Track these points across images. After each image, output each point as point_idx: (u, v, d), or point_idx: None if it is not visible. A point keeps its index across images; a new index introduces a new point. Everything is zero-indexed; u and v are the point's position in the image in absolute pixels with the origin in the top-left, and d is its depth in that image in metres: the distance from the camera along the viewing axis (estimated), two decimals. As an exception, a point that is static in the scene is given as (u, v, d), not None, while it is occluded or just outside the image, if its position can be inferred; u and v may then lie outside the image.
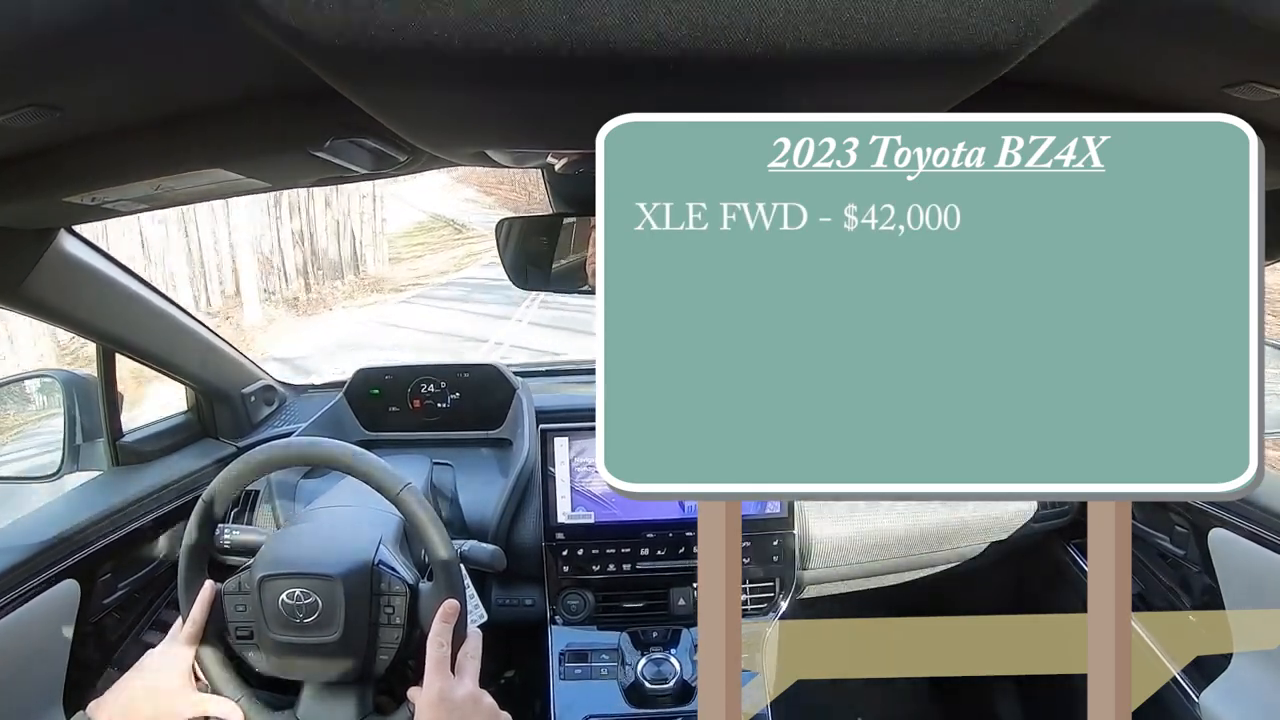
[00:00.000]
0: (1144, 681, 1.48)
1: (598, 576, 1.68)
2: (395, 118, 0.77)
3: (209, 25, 0.60)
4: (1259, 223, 0.61)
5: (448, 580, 1.16)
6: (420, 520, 1.17)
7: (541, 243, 1.32)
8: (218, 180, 0.98)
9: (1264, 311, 0.61)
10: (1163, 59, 0.71)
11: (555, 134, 0.87)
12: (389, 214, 23.68)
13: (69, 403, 1.49)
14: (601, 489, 1.67)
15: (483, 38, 0.57)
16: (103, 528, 1.41)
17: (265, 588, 1.13)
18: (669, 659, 1.57)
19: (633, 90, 0.68)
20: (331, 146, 0.87)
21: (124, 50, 0.63)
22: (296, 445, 1.23)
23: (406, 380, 1.92)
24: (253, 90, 0.80)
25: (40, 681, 1.27)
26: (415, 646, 1.19)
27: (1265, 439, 0.62)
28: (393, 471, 1.19)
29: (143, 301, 1.45)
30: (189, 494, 1.62)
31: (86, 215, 1.09)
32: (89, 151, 0.86)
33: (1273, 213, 0.64)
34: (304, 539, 1.22)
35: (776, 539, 1.68)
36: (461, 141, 0.88)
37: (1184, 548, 1.46)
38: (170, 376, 1.68)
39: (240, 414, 1.85)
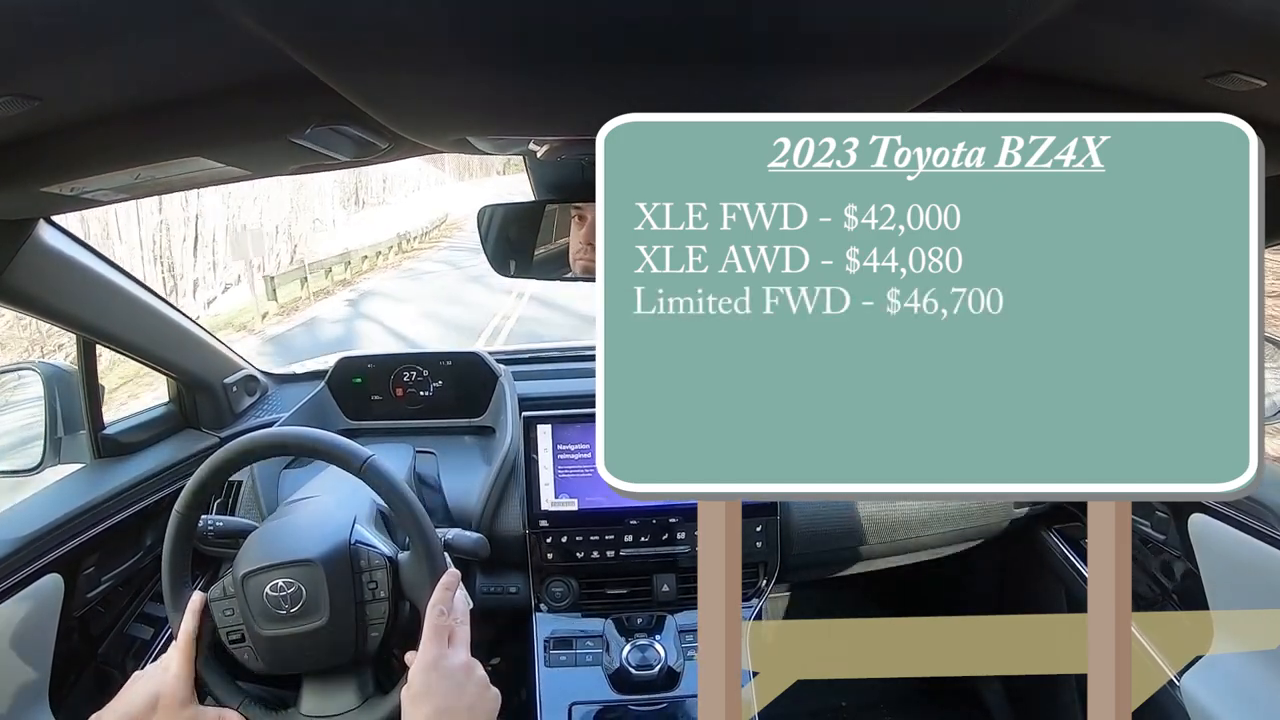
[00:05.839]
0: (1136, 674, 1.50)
1: (581, 563, 1.69)
2: (377, 105, 0.77)
3: (189, 12, 0.59)
4: (1259, 223, 0.61)
5: (425, 546, 1.17)
6: (387, 491, 1.18)
7: (524, 230, 1.32)
8: (198, 169, 0.98)
9: (1264, 311, 0.62)
10: (1145, 49, 0.71)
11: (539, 121, 0.87)
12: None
13: (50, 395, 1.48)
14: (584, 476, 1.68)
15: (465, 24, 0.57)
16: (86, 520, 1.40)
17: (248, 584, 1.13)
18: (653, 645, 1.58)
19: (616, 73, 0.68)
20: (312, 134, 0.87)
21: (103, 38, 0.63)
22: (250, 440, 1.22)
23: (389, 369, 1.92)
24: (233, 78, 0.79)
25: (25, 677, 1.26)
26: (404, 619, 1.20)
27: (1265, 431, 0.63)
28: (353, 447, 1.20)
29: (123, 292, 1.44)
30: (172, 485, 1.61)
31: (65, 205, 1.09)
32: (68, 141, 0.85)
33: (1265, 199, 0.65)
34: (281, 531, 1.22)
35: (760, 524, 1.69)
36: (444, 128, 0.88)
37: (1164, 532, 1.47)
38: (151, 367, 1.66)
39: (222, 404, 1.84)
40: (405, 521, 1.18)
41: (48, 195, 0.99)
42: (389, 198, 38.05)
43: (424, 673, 1.03)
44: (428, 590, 1.12)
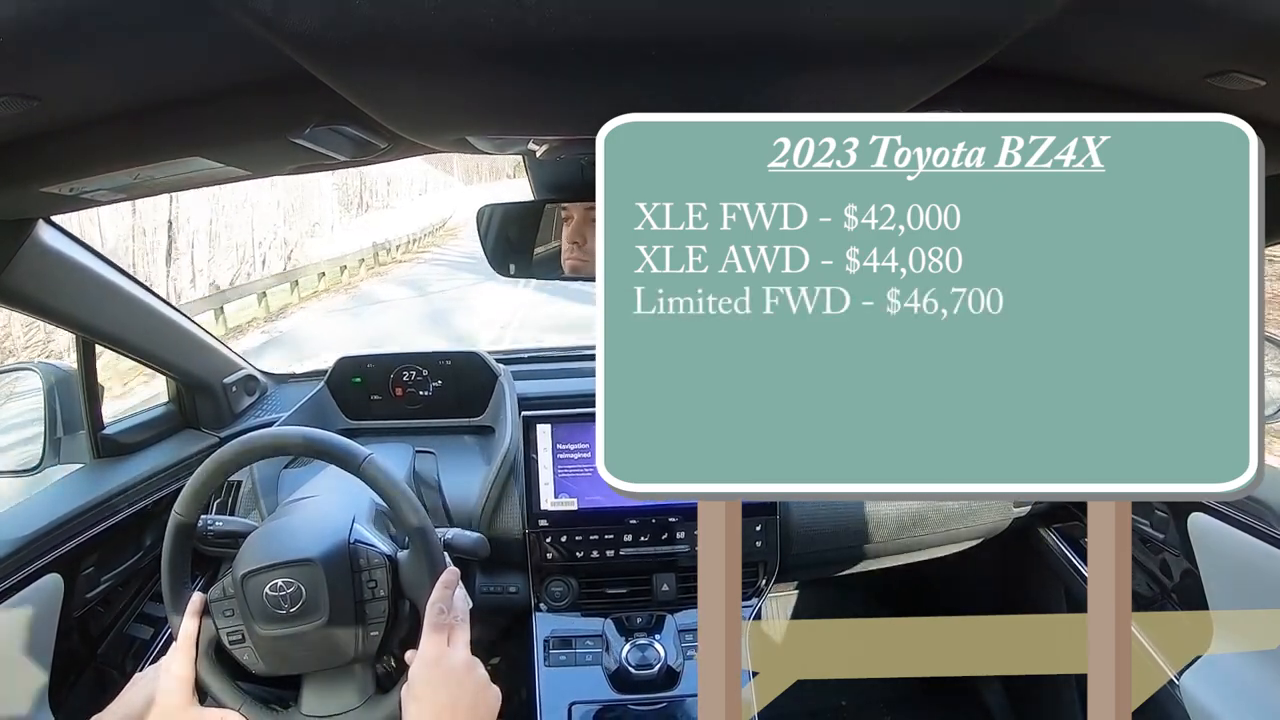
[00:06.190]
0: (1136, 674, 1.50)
1: (581, 563, 1.69)
2: (377, 105, 0.77)
3: (188, 12, 0.59)
4: (1259, 223, 0.61)
5: (424, 544, 1.17)
6: (386, 489, 1.18)
7: (523, 229, 1.32)
8: (197, 169, 0.98)
9: (1264, 311, 0.62)
10: (1145, 49, 0.71)
11: (539, 120, 0.87)
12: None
13: (49, 395, 1.48)
14: (584, 476, 1.68)
15: (466, 24, 0.57)
16: (85, 520, 1.40)
17: (248, 585, 1.13)
18: (653, 644, 1.58)
19: (616, 73, 0.68)
20: (312, 134, 0.87)
21: (102, 38, 0.63)
22: (249, 440, 1.22)
23: (388, 368, 1.92)
24: (232, 78, 0.79)
25: (25, 676, 1.26)
26: (404, 618, 1.20)
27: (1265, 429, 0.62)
28: (352, 447, 1.20)
29: (122, 293, 1.44)
30: (171, 486, 1.61)
31: (65, 205, 1.09)
32: (67, 141, 0.85)
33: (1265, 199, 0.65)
34: (280, 532, 1.22)
35: (760, 524, 1.69)
36: (443, 128, 0.87)
37: (1164, 532, 1.47)
38: (150, 367, 1.67)
39: (221, 404, 1.84)
40: (404, 520, 1.18)
41: (47, 195, 0.99)
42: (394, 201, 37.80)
43: (424, 671, 1.03)
44: (427, 589, 1.12)
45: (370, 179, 34.90)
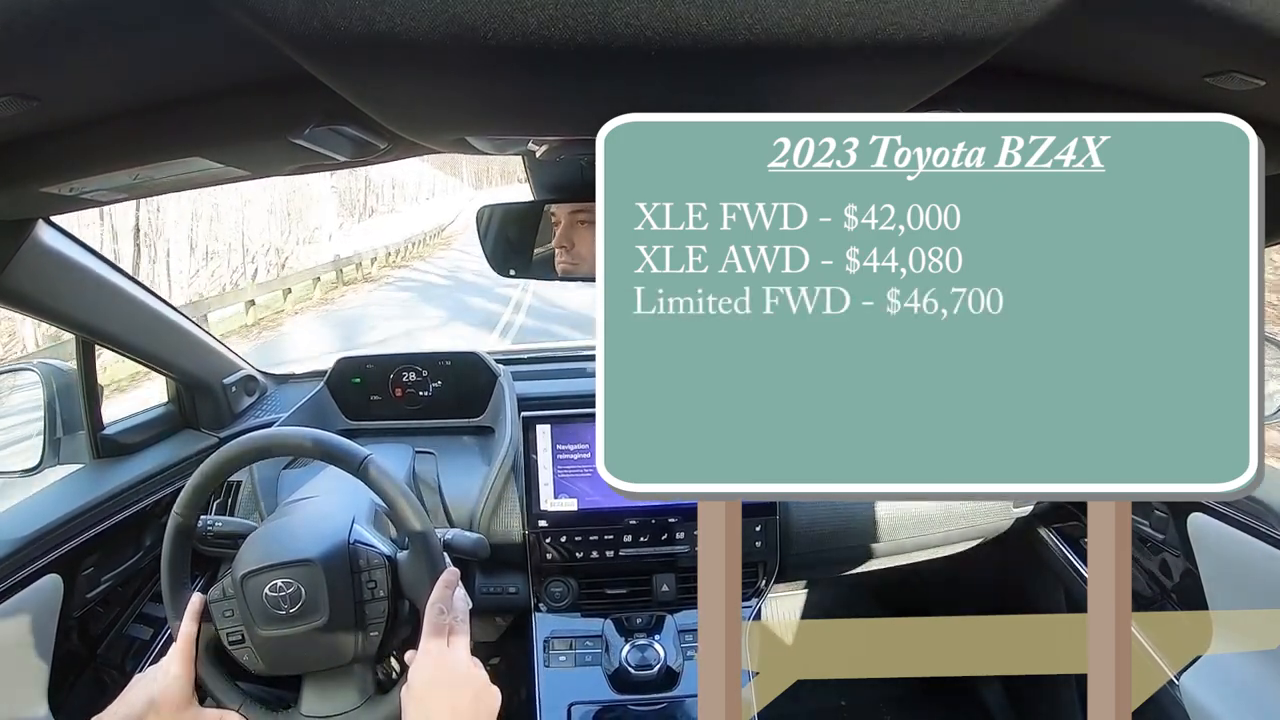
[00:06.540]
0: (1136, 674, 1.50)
1: (581, 564, 1.69)
2: (377, 105, 0.77)
3: (188, 12, 0.59)
4: (1259, 223, 0.61)
5: (424, 545, 1.17)
6: (385, 490, 1.18)
7: (523, 230, 1.33)
8: (197, 169, 0.98)
9: (1264, 311, 0.62)
10: (1145, 49, 0.71)
11: (538, 120, 0.87)
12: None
13: (49, 395, 1.48)
14: (583, 476, 1.68)
15: (465, 24, 0.57)
16: (85, 521, 1.40)
17: (248, 585, 1.13)
18: (653, 645, 1.58)
19: (616, 73, 0.68)
20: (311, 134, 0.87)
21: (102, 38, 0.63)
22: (248, 441, 1.22)
23: (388, 369, 1.92)
24: (232, 78, 0.79)
25: (24, 677, 1.26)
26: (404, 618, 1.20)
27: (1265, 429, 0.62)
28: (352, 447, 1.20)
29: (122, 293, 1.44)
30: (171, 486, 1.61)
31: (65, 206, 1.08)
32: (67, 141, 0.85)
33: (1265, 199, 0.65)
34: (280, 532, 1.22)
35: (760, 524, 1.69)
36: (443, 128, 0.87)
37: (1164, 532, 1.47)
38: (150, 368, 1.66)
39: (221, 404, 1.84)
40: (404, 521, 1.18)
41: (47, 195, 0.99)
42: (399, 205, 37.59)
43: (424, 671, 1.03)
44: (427, 589, 1.12)
45: (375, 183, 34.52)
